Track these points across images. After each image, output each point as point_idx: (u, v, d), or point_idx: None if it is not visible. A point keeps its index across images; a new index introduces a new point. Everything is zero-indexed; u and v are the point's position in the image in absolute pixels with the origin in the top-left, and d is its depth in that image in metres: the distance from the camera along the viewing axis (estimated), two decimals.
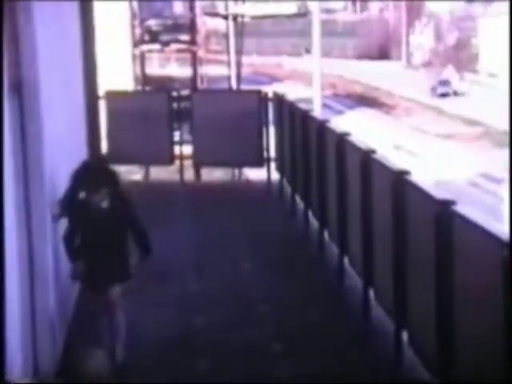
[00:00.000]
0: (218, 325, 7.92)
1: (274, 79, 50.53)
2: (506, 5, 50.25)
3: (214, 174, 15.04)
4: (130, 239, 7.00)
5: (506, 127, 31.49)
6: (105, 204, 6.77)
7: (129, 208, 6.98)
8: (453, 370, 5.74)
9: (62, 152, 8.00)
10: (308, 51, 23.89)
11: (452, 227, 5.73)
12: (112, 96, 14.49)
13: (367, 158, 7.95)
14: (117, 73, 19.34)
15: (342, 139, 9.05)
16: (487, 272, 5.10)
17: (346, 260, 9.04)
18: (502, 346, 4.82)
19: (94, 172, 6.95)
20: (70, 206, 6.89)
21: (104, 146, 13.94)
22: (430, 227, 6.04)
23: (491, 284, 4.99)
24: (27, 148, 6.58)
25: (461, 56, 52.88)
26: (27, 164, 6.60)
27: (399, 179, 6.91)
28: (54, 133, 7.28)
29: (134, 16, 21.88)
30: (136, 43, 21.96)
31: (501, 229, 5.20)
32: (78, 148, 10.42)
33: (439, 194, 6.14)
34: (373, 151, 7.98)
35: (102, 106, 14.06)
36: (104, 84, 14.40)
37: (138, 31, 22.15)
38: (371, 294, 7.94)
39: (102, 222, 6.80)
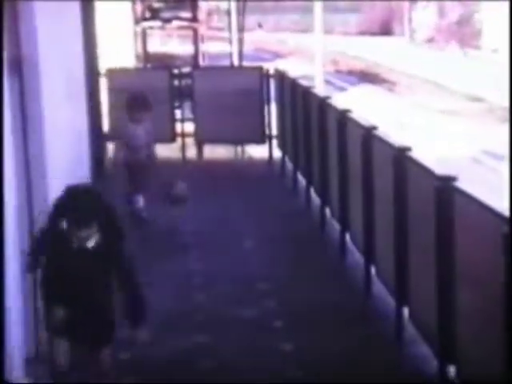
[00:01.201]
0: (219, 300, 7.94)
1: (277, 56, 50.35)
2: None
3: (216, 152, 15.03)
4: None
5: (509, 104, 31.39)
6: (92, 243, 5.24)
7: (120, 245, 5.39)
8: (453, 345, 5.76)
9: (64, 131, 8.00)
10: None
11: (453, 203, 5.74)
12: (113, 73, 14.46)
13: (368, 134, 7.94)
14: (118, 50, 19.26)
15: (343, 116, 9.04)
16: (488, 248, 5.10)
17: (347, 237, 9.06)
18: (502, 321, 4.84)
19: (82, 205, 5.23)
20: (49, 240, 5.39)
21: (106, 124, 13.94)
22: (431, 203, 6.05)
23: (492, 260, 5.00)
24: (28, 128, 6.58)
25: (464, 32, 52.65)
26: (27, 144, 6.60)
27: (400, 155, 6.91)
28: (54, 112, 7.27)
29: None
30: (137, 20, 21.86)
31: (502, 205, 5.20)
32: (80, 126, 10.42)
33: (440, 169, 6.14)
34: (374, 127, 7.97)
35: (104, 84, 14.04)
36: (105, 61, 14.37)
37: (138, 8, 22.05)
38: (373, 270, 7.96)
39: (84, 265, 5.28)
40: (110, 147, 14.30)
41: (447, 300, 5.81)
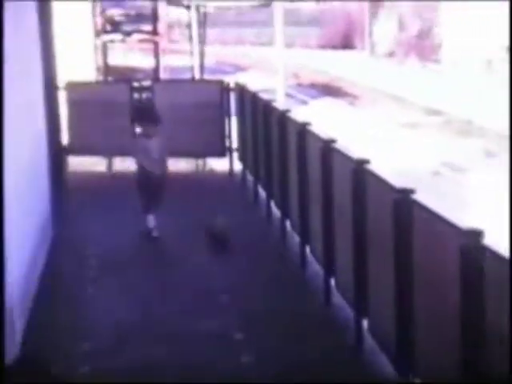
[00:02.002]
0: (178, 312, 7.90)
1: (238, 69, 50.46)
2: None
3: (177, 165, 14.98)
4: None
5: (467, 116, 31.73)
6: None
7: None
8: (411, 356, 5.80)
9: (22, 144, 7.92)
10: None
11: (411, 215, 5.78)
12: (73, 87, 14.39)
13: (328, 147, 7.98)
14: (78, 63, 19.18)
15: (302, 129, 9.08)
16: (446, 260, 5.14)
17: (307, 249, 9.08)
18: (459, 333, 4.87)
19: None
20: None
21: (65, 138, 13.85)
22: (390, 216, 6.08)
23: (449, 272, 5.04)
24: None
25: (423, 45, 53.22)
26: None
27: (359, 168, 6.95)
28: (12, 124, 7.21)
29: (95, 6, 21.70)
30: (98, 33, 21.78)
31: (463, 217, 5.25)
32: (39, 139, 10.33)
33: (399, 182, 6.18)
34: (333, 141, 8.01)
35: (63, 97, 13.96)
36: (66, 75, 14.29)
37: (99, 21, 21.98)
38: (332, 282, 7.98)
39: None
40: (70, 160, 14.23)
41: (405, 311, 5.84)
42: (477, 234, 4.77)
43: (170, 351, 7.06)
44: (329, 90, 41.79)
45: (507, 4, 42.61)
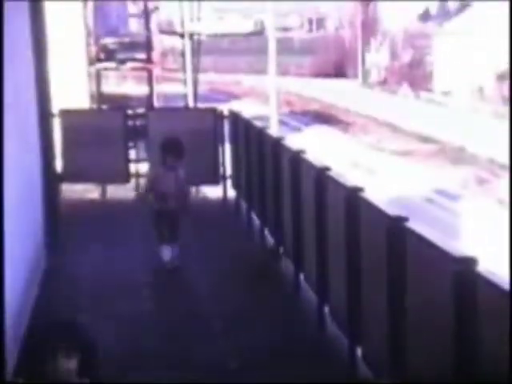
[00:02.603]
0: (175, 338, 7.88)
1: (231, 96, 50.67)
2: (461, 24, 51.11)
3: None
4: None
5: (460, 144, 31.89)
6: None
7: None
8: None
9: (16, 172, 7.92)
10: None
11: (404, 243, 5.79)
12: (66, 114, 14.41)
13: (322, 175, 8.00)
14: (72, 91, 19.23)
15: (296, 156, 9.10)
16: (439, 287, 5.15)
17: (301, 276, 9.07)
18: (453, 361, 4.87)
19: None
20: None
21: (59, 165, 13.84)
22: (383, 243, 6.09)
23: (443, 299, 5.04)
24: None
25: (416, 74, 53.53)
26: None
27: (353, 196, 6.96)
28: (6, 152, 7.21)
29: (89, 34, 21.79)
30: (91, 61, 21.86)
31: (457, 245, 5.26)
32: (32, 167, 10.33)
33: (392, 210, 6.20)
34: (327, 168, 8.04)
35: (57, 124, 13.97)
36: (59, 102, 14.31)
37: (93, 49, 22.06)
38: (326, 310, 7.97)
39: None
40: (64, 188, 14.22)
41: (399, 339, 5.83)
42: (470, 261, 4.78)
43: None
44: (321, 118, 42.00)
45: (498, 32, 42.88)
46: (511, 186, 20.83)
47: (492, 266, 4.85)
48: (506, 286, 4.29)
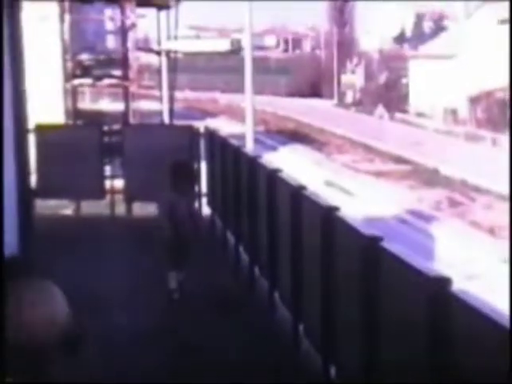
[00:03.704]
0: (146, 365, 7.85)
1: (207, 114, 50.74)
2: (436, 47, 51.68)
3: (146, 209, 14.97)
4: None
5: (434, 165, 32.15)
6: None
7: None
8: None
9: None
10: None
11: (379, 262, 5.82)
12: (42, 130, 14.38)
13: (297, 193, 8.03)
14: (48, 107, 19.18)
15: (272, 175, 9.14)
16: (413, 306, 5.18)
17: (276, 295, 9.07)
18: (427, 380, 4.89)
19: None
20: None
21: (33, 181, 13.77)
22: (358, 262, 6.13)
23: (418, 319, 5.07)
24: None
25: (391, 95, 53.93)
26: None
27: (328, 215, 7.00)
28: None
29: (65, 50, 21.78)
30: (68, 77, 21.83)
31: (428, 264, 5.30)
32: (7, 183, 10.27)
33: (367, 230, 6.24)
34: (303, 187, 8.07)
35: (32, 140, 13.92)
36: (35, 118, 14.26)
37: (69, 65, 22.04)
38: (301, 328, 7.98)
39: None
40: (38, 204, 14.15)
41: (373, 358, 5.85)
42: (445, 281, 4.82)
43: None
44: (297, 137, 42.17)
45: (472, 56, 43.32)
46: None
47: (463, 285, 4.89)
48: (480, 307, 4.33)
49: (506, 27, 39.75)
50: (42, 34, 19.77)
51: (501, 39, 40.84)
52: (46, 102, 19.21)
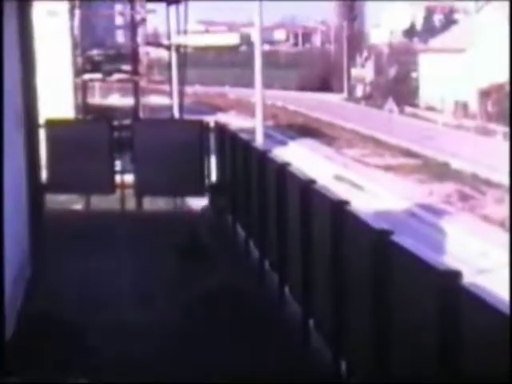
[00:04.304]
0: (150, 353, 7.88)
1: (217, 109, 50.73)
2: (446, 41, 51.52)
3: (156, 204, 14.99)
4: None
5: (444, 159, 32.06)
6: None
7: None
8: None
9: (2, 181, 7.91)
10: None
11: (389, 256, 5.82)
12: (52, 125, 14.40)
13: (307, 188, 8.03)
14: (58, 102, 19.21)
15: (282, 169, 9.13)
16: (423, 299, 5.18)
17: (286, 289, 9.07)
18: (438, 373, 4.89)
19: None
20: None
21: (44, 175, 13.81)
22: (368, 256, 6.12)
23: (427, 311, 5.07)
24: None
25: (401, 89, 53.80)
26: None
27: (338, 209, 6.99)
28: None
29: (75, 45, 21.80)
30: (78, 73, 21.86)
31: (441, 260, 5.29)
32: (18, 177, 10.31)
33: (377, 223, 6.23)
34: (312, 181, 8.06)
35: (43, 135, 13.95)
36: (45, 113, 14.29)
37: (79, 61, 22.07)
38: (311, 323, 7.98)
39: None
40: (48, 198, 14.18)
41: (384, 351, 5.85)
42: (455, 275, 4.82)
43: None
44: (306, 131, 42.12)
45: (482, 50, 43.19)
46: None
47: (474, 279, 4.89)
48: (491, 300, 4.33)
49: None
50: (52, 29, 19.81)
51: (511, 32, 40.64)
52: (56, 97, 19.25)
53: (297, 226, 8.34)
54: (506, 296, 4.46)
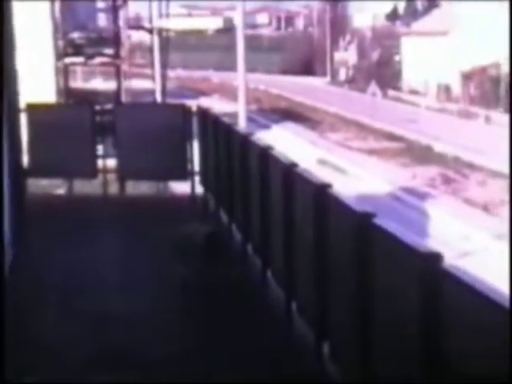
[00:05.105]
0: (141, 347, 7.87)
1: (200, 93, 50.57)
2: (428, 24, 51.52)
3: (139, 188, 14.95)
4: None
5: (427, 142, 32.14)
6: None
7: None
8: (372, 380, 5.82)
9: None
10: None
11: (372, 239, 5.82)
12: (33, 109, 14.31)
13: (289, 171, 8.02)
14: (39, 86, 19.08)
15: (264, 153, 9.12)
16: (406, 282, 5.19)
17: (268, 272, 9.08)
18: (420, 358, 4.91)
19: None
20: None
21: (25, 160, 13.74)
22: (351, 239, 6.13)
23: (409, 294, 5.08)
24: None
25: (384, 73, 53.82)
26: None
27: (321, 192, 6.99)
28: None
29: (56, 28, 21.63)
30: (59, 56, 21.70)
31: (424, 243, 5.30)
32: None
33: (360, 206, 6.23)
34: (295, 165, 8.05)
35: (24, 119, 13.86)
36: (26, 97, 14.19)
37: (61, 44, 21.90)
38: (293, 306, 7.99)
39: None
40: (31, 183, 14.11)
41: (366, 334, 5.87)
42: (436, 258, 4.83)
43: None
44: (290, 115, 42.08)
45: (465, 32, 43.24)
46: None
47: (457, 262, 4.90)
48: (473, 283, 4.34)
49: (498, 3, 39.64)
50: (32, 12, 19.64)
51: (493, 15, 40.74)
52: (37, 81, 19.11)
53: (280, 209, 8.34)
54: (489, 279, 4.47)
